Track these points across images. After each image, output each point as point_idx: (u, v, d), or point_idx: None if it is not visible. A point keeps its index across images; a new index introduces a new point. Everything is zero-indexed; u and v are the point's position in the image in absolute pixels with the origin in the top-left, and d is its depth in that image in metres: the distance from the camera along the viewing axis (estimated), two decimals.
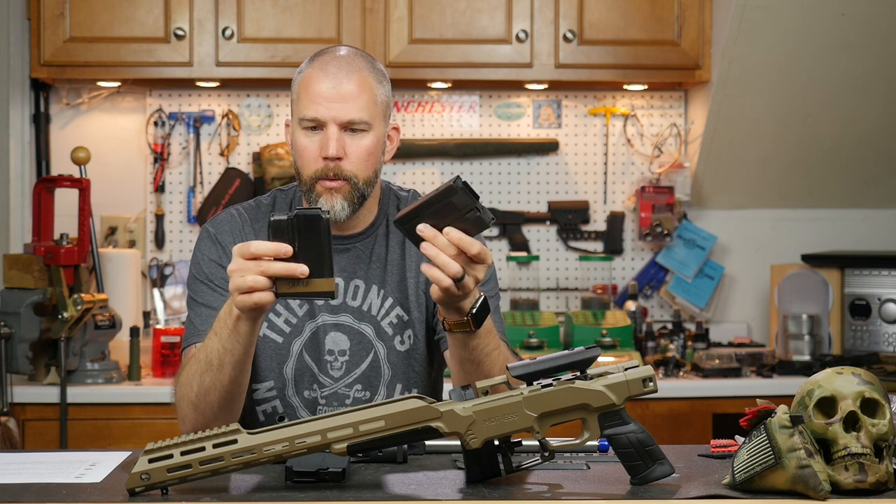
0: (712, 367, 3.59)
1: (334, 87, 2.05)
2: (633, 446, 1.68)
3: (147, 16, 3.67)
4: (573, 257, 4.12)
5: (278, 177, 3.88)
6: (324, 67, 2.07)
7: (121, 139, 4.00)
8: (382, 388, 2.14)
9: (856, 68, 3.78)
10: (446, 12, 3.72)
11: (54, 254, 3.30)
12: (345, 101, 2.05)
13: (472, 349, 1.91)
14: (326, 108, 2.05)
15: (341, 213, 2.07)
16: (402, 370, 2.15)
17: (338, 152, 2.05)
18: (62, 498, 1.62)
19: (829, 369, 1.66)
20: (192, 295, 2.14)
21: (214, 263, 2.13)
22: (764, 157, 3.99)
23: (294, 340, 2.13)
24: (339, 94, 2.05)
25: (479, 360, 1.93)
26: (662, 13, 3.76)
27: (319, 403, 2.12)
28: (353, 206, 2.09)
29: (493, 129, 4.10)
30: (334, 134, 2.05)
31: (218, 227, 2.17)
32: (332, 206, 2.06)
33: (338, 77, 2.06)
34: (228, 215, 2.18)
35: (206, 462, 1.63)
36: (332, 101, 2.05)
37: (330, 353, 2.13)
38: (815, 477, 1.57)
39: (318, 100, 2.05)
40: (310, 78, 2.08)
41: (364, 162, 2.07)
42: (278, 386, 2.13)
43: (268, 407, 2.14)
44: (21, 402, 3.32)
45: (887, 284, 3.78)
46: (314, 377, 2.12)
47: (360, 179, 2.08)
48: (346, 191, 2.07)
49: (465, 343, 1.90)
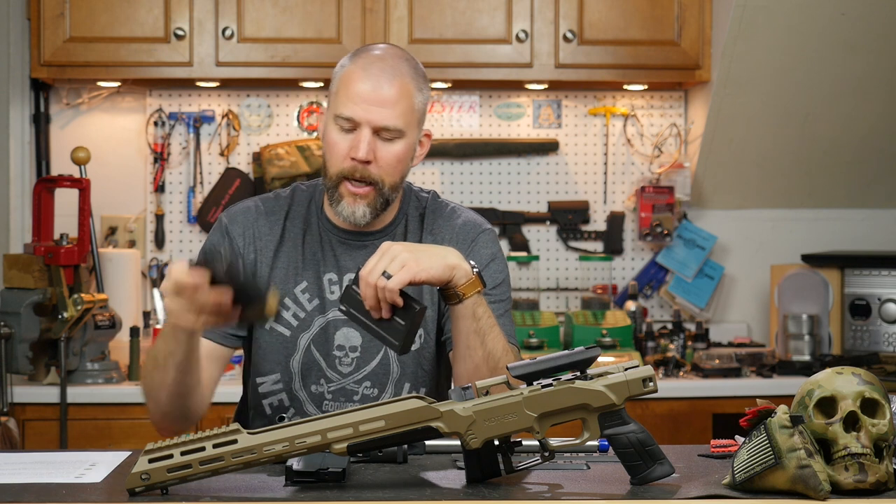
0: (712, 367, 3.59)
1: (374, 90, 2.04)
2: (633, 446, 1.68)
3: (147, 16, 3.67)
4: (573, 257, 4.12)
5: (278, 177, 3.88)
6: (367, 67, 2.06)
7: (121, 139, 4.00)
8: (391, 385, 2.14)
9: (856, 68, 3.78)
10: (446, 12, 3.72)
11: (54, 254, 3.30)
12: (382, 106, 2.04)
13: (479, 318, 1.93)
14: (364, 109, 2.04)
15: (362, 219, 2.09)
16: (411, 369, 2.15)
17: (367, 156, 2.05)
18: (62, 498, 1.62)
19: (829, 369, 1.66)
20: None
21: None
22: (764, 157, 3.99)
23: (302, 334, 2.13)
24: (378, 98, 2.04)
25: (485, 332, 1.94)
26: (662, 13, 3.76)
27: (326, 398, 2.13)
28: (375, 213, 2.10)
29: (493, 129, 4.10)
30: (366, 137, 2.04)
31: (232, 217, 2.18)
32: (353, 212, 2.09)
33: (379, 80, 2.05)
34: (245, 207, 2.19)
35: (206, 462, 1.63)
36: (370, 104, 2.04)
37: (340, 349, 2.13)
38: (815, 477, 1.57)
39: (356, 99, 2.04)
40: (351, 75, 2.07)
41: (392, 168, 2.08)
42: (285, 379, 2.14)
43: (274, 400, 2.15)
44: (21, 402, 3.32)
45: (887, 284, 3.78)
46: (322, 372, 2.13)
47: (386, 185, 2.08)
48: (372, 197, 2.08)
49: (473, 313, 1.93)
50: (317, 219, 2.18)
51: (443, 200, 2.24)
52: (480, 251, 2.16)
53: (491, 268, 2.16)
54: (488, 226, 2.22)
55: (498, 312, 2.12)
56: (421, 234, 2.18)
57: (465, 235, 2.18)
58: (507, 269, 2.21)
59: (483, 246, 2.17)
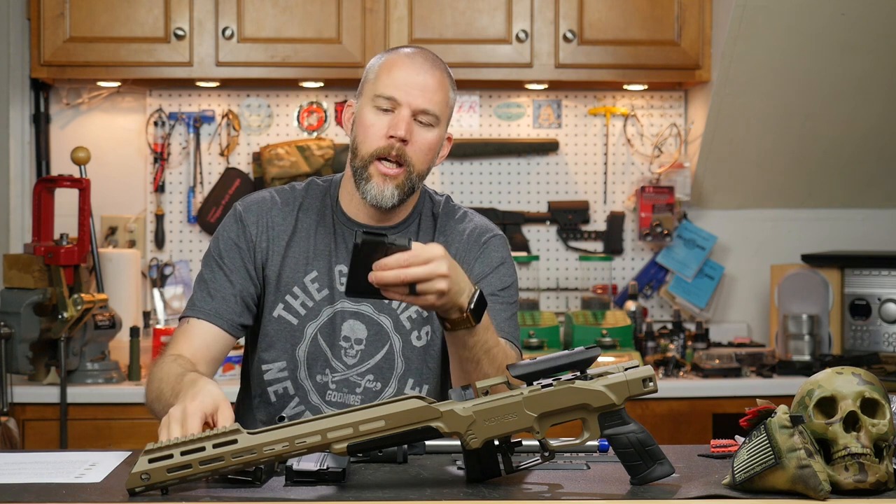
0: (712, 367, 3.59)
1: (418, 74, 2.11)
2: (633, 446, 1.68)
3: (147, 16, 3.67)
4: (573, 257, 4.12)
5: (278, 177, 3.88)
6: (411, 56, 2.14)
7: (121, 139, 4.00)
8: (394, 381, 2.15)
9: (856, 68, 3.78)
10: (446, 12, 3.72)
11: (54, 254, 3.30)
12: (424, 91, 2.10)
13: (472, 347, 1.92)
14: (405, 91, 2.09)
15: (390, 199, 2.11)
16: (416, 365, 2.16)
17: (406, 134, 2.08)
18: (62, 498, 1.62)
19: (829, 369, 1.66)
20: (203, 268, 2.18)
21: (231, 242, 2.17)
22: (764, 157, 3.99)
23: (309, 323, 2.14)
24: (421, 83, 2.10)
25: (479, 359, 1.93)
26: (662, 13, 3.76)
27: (330, 388, 2.14)
28: (402, 196, 2.12)
29: (493, 129, 4.10)
30: (406, 116, 2.09)
31: (247, 206, 2.20)
32: (382, 191, 2.10)
33: (423, 68, 2.12)
34: (260, 197, 2.21)
35: (206, 462, 1.63)
36: (412, 87, 2.10)
37: (346, 340, 2.15)
38: (815, 477, 1.57)
39: (398, 82, 2.10)
40: (394, 62, 2.13)
41: (424, 154, 2.12)
42: (290, 367, 2.15)
43: (279, 388, 2.16)
44: (21, 402, 3.32)
45: (887, 284, 3.78)
46: (327, 362, 2.14)
47: (415, 170, 2.11)
48: (401, 180, 2.10)
49: (465, 341, 1.91)
50: (331, 211, 2.20)
51: (456, 204, 2.27)
52: (490, 255, 2.19)
53: (500, 270, 2.18)
54: (499, 231, 2.25)
55: (504, 315, 2.14)
56: (433, 234, 2.20)
57: (476, 239, 2.20)
58: (516, 274, 2.24)
59: (493, 250, 2.20)
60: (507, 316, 2.15)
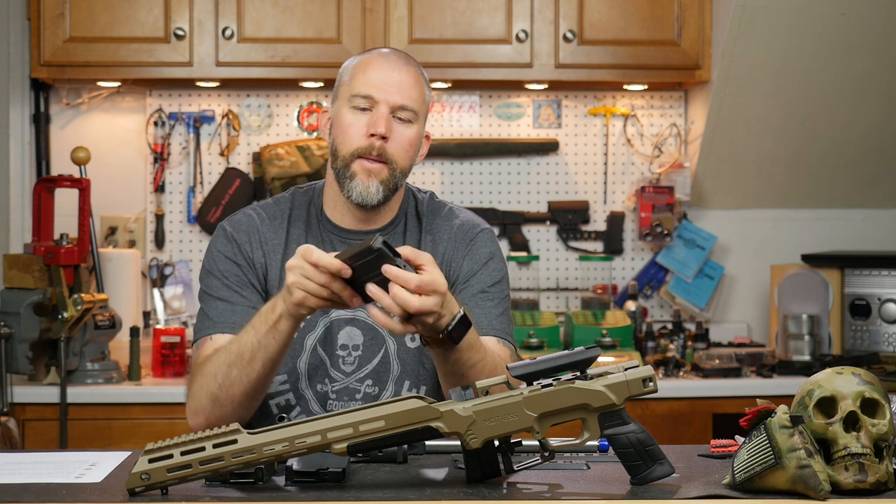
0: (712, 367, 3.59)
1: (393, 73, 2.12)
2: (633, 446, 1.68)
3: (147, 16, 3.67)
4: (573, 257, 4.12)
5: (278, 177, 3.88)
6: (385, 56, 2.15)
7: (121, 139, 4.00)
8: (391, 384, 2.15)
9: (856, 68, 3.78)
10: (446, 12, 3.72)
11: (54, 254, 3.30)
12: (401, 87, 2.11)
13: (452, 363, 1.92)
14: (383, 89, 2.10)
15: (375, 196, 2.10)
16: (411, 367, 2.15)
17: (386, 131, 2.08)
18: (62, 498, 1.62)
19: (829, 369, 1.66)
20: (206, 289, 2.15)
21: (229, 260, 2.15)
22: (764, 157, 3.99)
23: (308, 335, 2.14)
24: (397, 80, 2.11)
25: (462, 373, 1.93)
26: (662, 13, 3.76)
27: (330, 398, 2.14)
28: (386, 194, 2.11)
29: (493, 129, 4.10)
30: (385, 113, 2.09)
31: (235, 225, 2.19)
32: (367, 188, 2.10)
33: (397, 66, 2.13)
34: (245, 215, 2.20)
35: (206, 462, 1.63)
36: (389, 85, 2.10)
37: (343, 348, 2.14)
38: (815, 477, 1.57)
39: (374, 80, 2.10)
40: (368, 62, 2.14)
41: (405, 151, 2.12)
42: (291, 380, 2.14)
43: (281, 400, 2.15)
44: (21, 402, 3.32)
45: (887, 284, 3.78)
46: (326, 372, 2.14)
47: (398, 167, 2.11)
48: (385, 176, 2.10)
49: (445, 357, 1.91)
50: (317, 220, 2.19)
51: (441, 201, 2.26)
52: (479, 250, 2.18)
53: (489, 266, 2.17)
54: (486, 225, 2.24)
55: (496, 311, 2.13)
56: (420, 233, 2.19)
57: (464, 235, 2.19)
58: (506, 267, 2.23)
59: (482, 245, 2.19)
60: (498, 312, 2.14)
